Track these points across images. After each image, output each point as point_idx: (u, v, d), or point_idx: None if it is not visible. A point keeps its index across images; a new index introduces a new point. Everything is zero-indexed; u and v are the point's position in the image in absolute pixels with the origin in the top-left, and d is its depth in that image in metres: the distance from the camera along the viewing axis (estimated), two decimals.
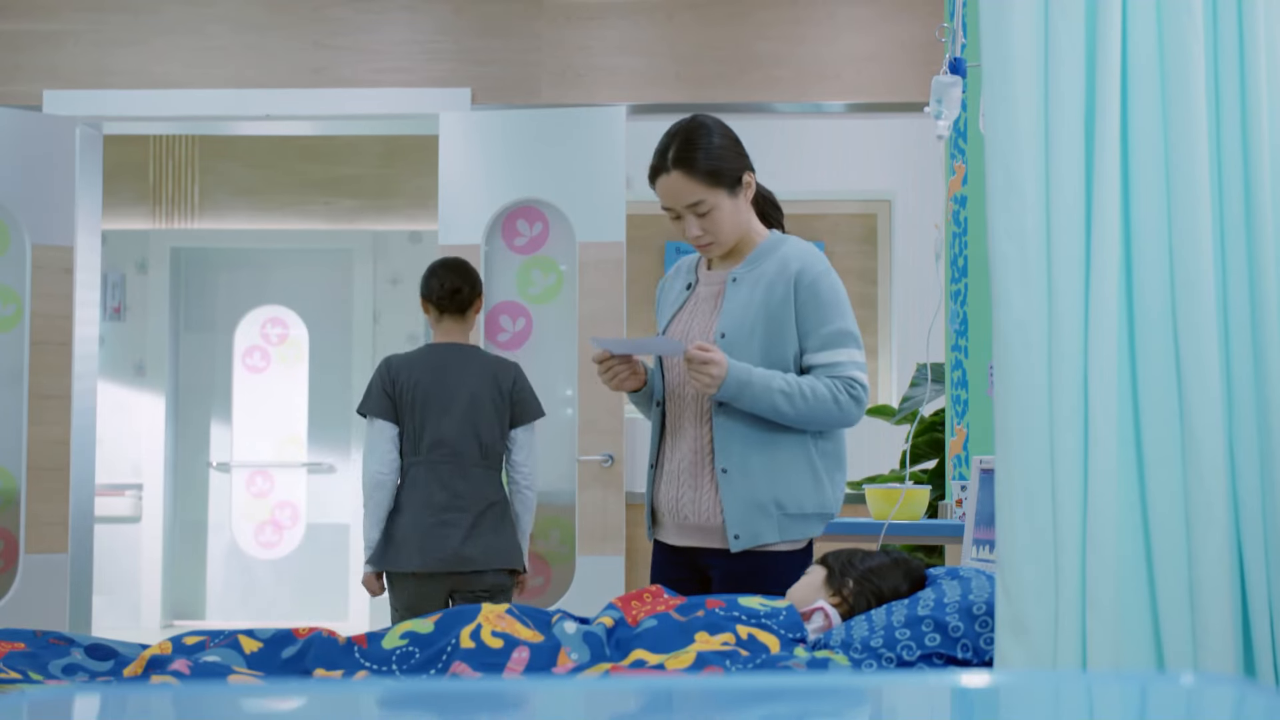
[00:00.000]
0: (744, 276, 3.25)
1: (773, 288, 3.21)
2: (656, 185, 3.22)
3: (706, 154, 3.19)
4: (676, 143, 3.20)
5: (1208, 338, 2.49)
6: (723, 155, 3.21)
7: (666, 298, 3.43)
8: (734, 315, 3.21)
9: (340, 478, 8.69)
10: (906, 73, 5.68)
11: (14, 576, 5.68)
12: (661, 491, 3.33)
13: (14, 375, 5.74)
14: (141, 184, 8.38)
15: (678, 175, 3.17)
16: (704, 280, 3.35)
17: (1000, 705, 1.52)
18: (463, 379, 4.34)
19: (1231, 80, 2.54)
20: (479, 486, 4.31)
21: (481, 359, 4.42)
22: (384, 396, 4.29)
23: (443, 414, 4.29)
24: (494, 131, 5.73)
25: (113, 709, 1.50)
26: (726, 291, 3.25)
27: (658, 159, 3.22)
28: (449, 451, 4.29)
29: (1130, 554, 2.49)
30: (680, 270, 3.44)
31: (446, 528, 4.24)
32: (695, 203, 3.19)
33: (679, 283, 3.41)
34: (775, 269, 3.23)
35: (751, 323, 3.19)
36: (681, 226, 3.23)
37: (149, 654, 2.77)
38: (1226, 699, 1.53)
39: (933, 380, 5.31)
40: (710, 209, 3.20)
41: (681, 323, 3.33)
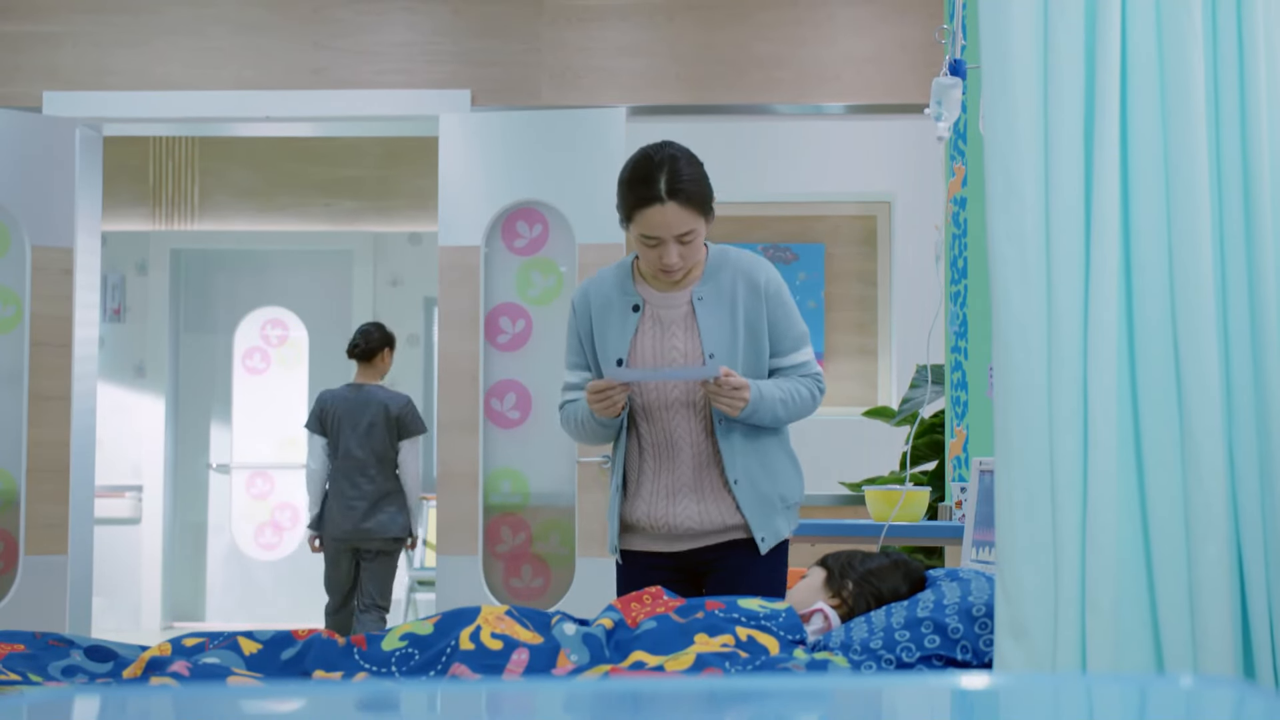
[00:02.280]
0: (708, 294, 3.28)
1: (742, 302, 3.27)
2: (643, 215, 3.17)
3: (695, 182, 3.21)
4: (666, 174, 3.17)
5: (1207, 339, 2.49)
6: (705, 183, 3.25)
7: (607, 321, 3.32)
8: (715, 334, 3.26)
9: None
10: (906, 74, 5.68)
11: (14, 578, 5.68)
12: (642, 508, 3.33)
13: (14, 377, 5.74)
14: (141, 185, 8.38)
15: (674, 206, 3.16)
16: (658, 302, 3.30)
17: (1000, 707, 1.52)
18: (365, 409, 6.14)
19: (1231, 82, 2.54)
20: (375, 482, 6.10)
21: (379, 394, 6.22)
22: (317, 419, 6.19)
23: (351, 433, 6.11)
24: (494, 133, 5.73)
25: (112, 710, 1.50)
26: (697, 312, 3.27)
27: (646, 189, 3.16)
28: (354, 460, 6.10)
29: (1130, 556, 2.49)
30: (607, 291, 3.34)
31: (352, 511, 6.08)
32: (686, 232, 3.19)
33: (619, 303, 3.32)
34: (733, 282, 3.28)
35: (733, 339, 3.26)
36: (657, 253, 3.19)
37: (148, 655, 2.77)
38: (1226, 701, 1.52)
39: (932, 382, 5.31)
40: (694, 237, 3.21)
41: (648, 347, 3.29)
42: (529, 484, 5.77)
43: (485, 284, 5.75)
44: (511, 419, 5.76)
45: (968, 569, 3.11)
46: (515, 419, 5.76)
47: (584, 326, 3.35)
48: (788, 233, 7.60)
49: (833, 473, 6.38)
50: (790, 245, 7.58)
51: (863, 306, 7.58)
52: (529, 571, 5.76)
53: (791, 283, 7.52)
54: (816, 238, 7.59)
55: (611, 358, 3.29)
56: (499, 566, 5.74)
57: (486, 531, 5.72)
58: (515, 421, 5.76)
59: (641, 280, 3.33)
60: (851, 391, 7.44)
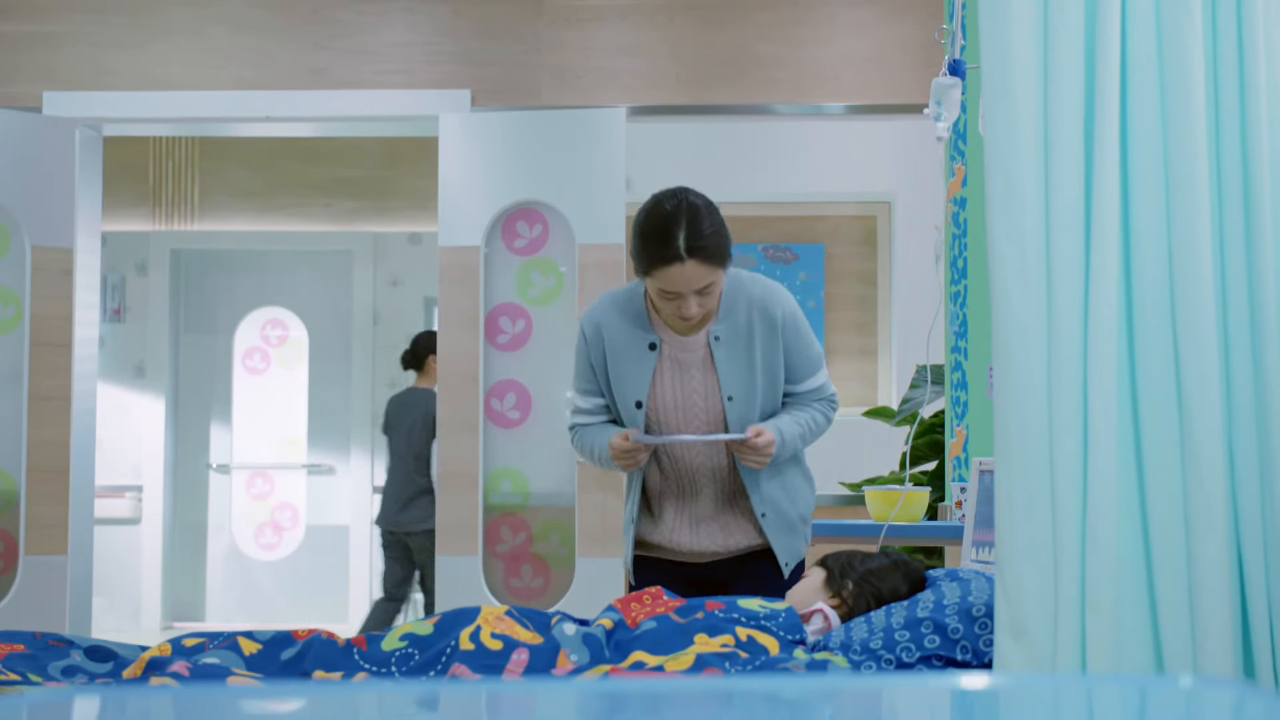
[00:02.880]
0: (725, 334, 3.25)
1: (760, 340, 3.25)
2: (662, 273, 3.09)
3: (715, 237, 3.11)
4: (685, 231, 3.08)
5: (1207, 339, 2.49)
6: (724, 234, 3.15)
7: (623, 356, 3.28)
8: (734, 377, 3.25)
9: (340, 479, 8.69)
10: (906, 74, 5.68)
11: (14, 578, 5.68)
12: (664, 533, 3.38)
13: (14, 377, 5.74)
14: (141, 185, 8.38)
15: (694, 264, 3.08)
16: (675, 343, 3.27)
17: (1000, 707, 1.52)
18: (410, 410, 6.84)
19: (1231, 82, 2.54)
20: (411, 479, 6.79)
21: (422, 397, 6.81)
22: (382, 422, 7.02)
23: (397, 433, 6.88)
24: (494, 133, 5.73)
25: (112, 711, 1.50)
26: (714, 353, 3.25)
27: (664, 248, 3.08)
28: (398, 457, 6.86)
29: (1129, 556, 2.49)
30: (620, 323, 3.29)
31: (391, 504, 6.83)
32: (705, 285, 3.13)
33: (634, 340, 3.28)
34: (748, 317, 3.25)
35: (752, 380, 3.26)
36: (675, 306, 3.13)
37: (148, 656, 2.77)
38: (1226, 701, 1.52)
39: (932, 382, 5.31)
40: (714, 288, 3.16)
41: (667, 389, 3.28)
42: (529, 484, 5.77)
43: (485, 284, 5.75)
44: (511, 419, 5.76)
45: (968, 569, 3.11)
46: (515, 419, 5.76)
47: (596, 356, 3.31)
48: (788, 233, 7.60)
49: (832, 473, 6.38)
50: (790, 245, 7.58)
51: (863, 307, 7.58)
52: (529, 571, 5.76)
53: (792, 283, 7.53)
54: (816, 238, 7.59)
55: (630, 399, 3.27)
56: (499, 566, 5.74)
57: (486, 531, 5.72)
58: (515, 421, 5.76)
59: (657, 317, 3.28)
60: (851, 391, 7.44)
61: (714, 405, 3.27)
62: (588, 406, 3.36)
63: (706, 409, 3.28)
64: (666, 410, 3.28)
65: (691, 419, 3.29)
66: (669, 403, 3.28)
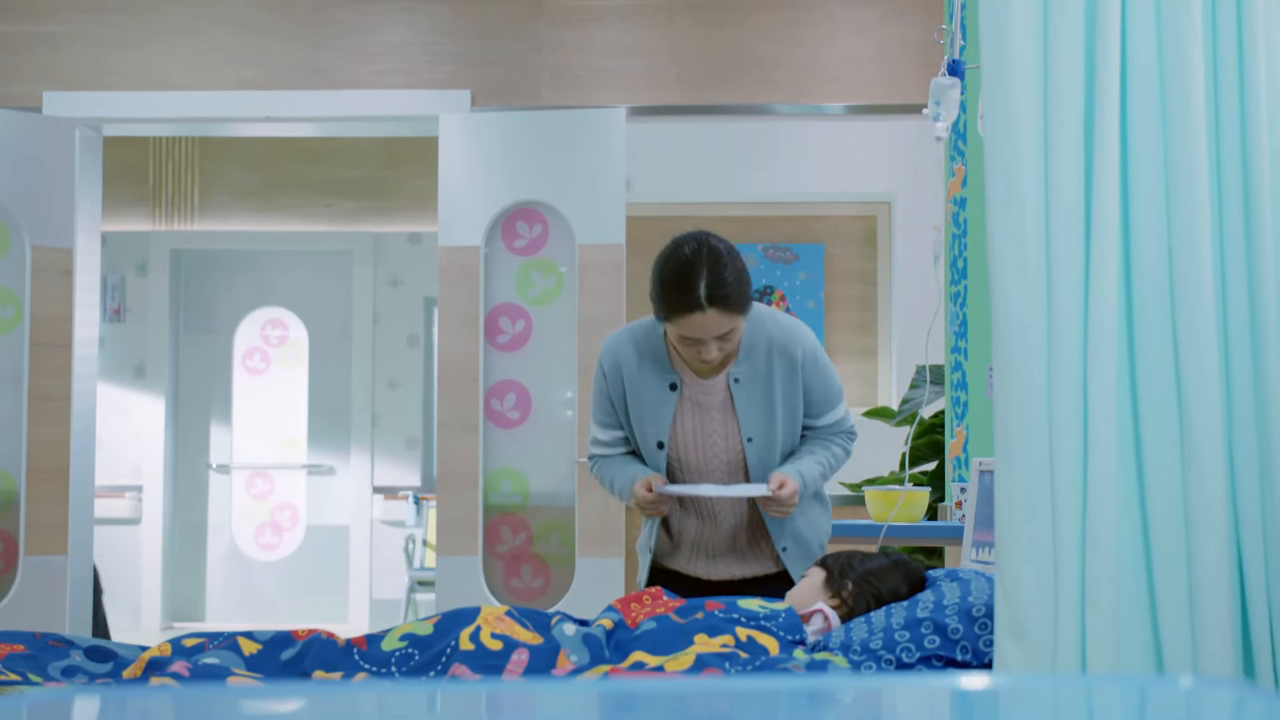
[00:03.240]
0: (744, 375, 3.23)
1: (779, 381, 3.24)
2: (683, 320, 3.07)
3: (736, 285, 3.08)
4: (706, 280, 3.04)
5: (1207, 340, 2.48)
6: (745, 280, 3.12)
7: (643, 395, 3.27)
8: (754, 419, 3.25)
9: (340, 479, 8.69)
10: (906, 74, 5.68)
11: (14, 578, 5.68)
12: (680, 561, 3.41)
13: (14, 377, 5.74)
14: (141, 186, 8.38)
15: (715, 313, 3.05)
16: (694, 385, 3.26)
17: (1000, 707, 1.52)
18: None
19: (1231, 83, 2.54)
20: None
21: None
22: None
23: None
24: (494, 133, 5.73)
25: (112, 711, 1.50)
26: (734, 395, 3.24)
27: (685, 296, 3.04)
28: None
29: (1129, 556, 2.49)
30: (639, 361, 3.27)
31: None
32: (727, 332, 3.10)
33: (654, 379, 3.26)
34: (769, 359, 3.23)
35: (771, 421, 3.26)
36: (696, 351, 3.11)
37: (148, 656, 2.77)
38: (1226, 701, 1.52)
39: (932, 382, 5.31)
40: (735, 334, 3.14)
41: (688, 430, 3.28)
42: (529, 484, 5.77)
43: (485, 284, 5.75)
44: (511, 419, 5.76)
45: (967, 569, 3.11)
46: (515, 419, 5.76)
47: (616, 392, 3.30)
48: (788, 233, 7.60)
49: None
50: (790, 245, 7.58)
51: (862, 307, 7.58)
52: (529, 572, 5.75)
53: (792, 283, 7.53)
54: (816, 238, 7.59)
55: (651, 439, 3.28)
56: (499, 567, 5.74)
57: (486, 531, 5.72)
58: (515, 422, 5.76)
59: (677, 357, 3.26)
60: (851, 392, 7.44)
61: (734, 445, 3.28)
62: (607, 439, 3.37)
63: (726, 448, 3.29)
64: (687, 450, 3.29)
65: (712, 459, 3.30)
66: (689, 442, 3.29)
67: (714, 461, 3.29)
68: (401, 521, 8.57)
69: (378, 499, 8.61)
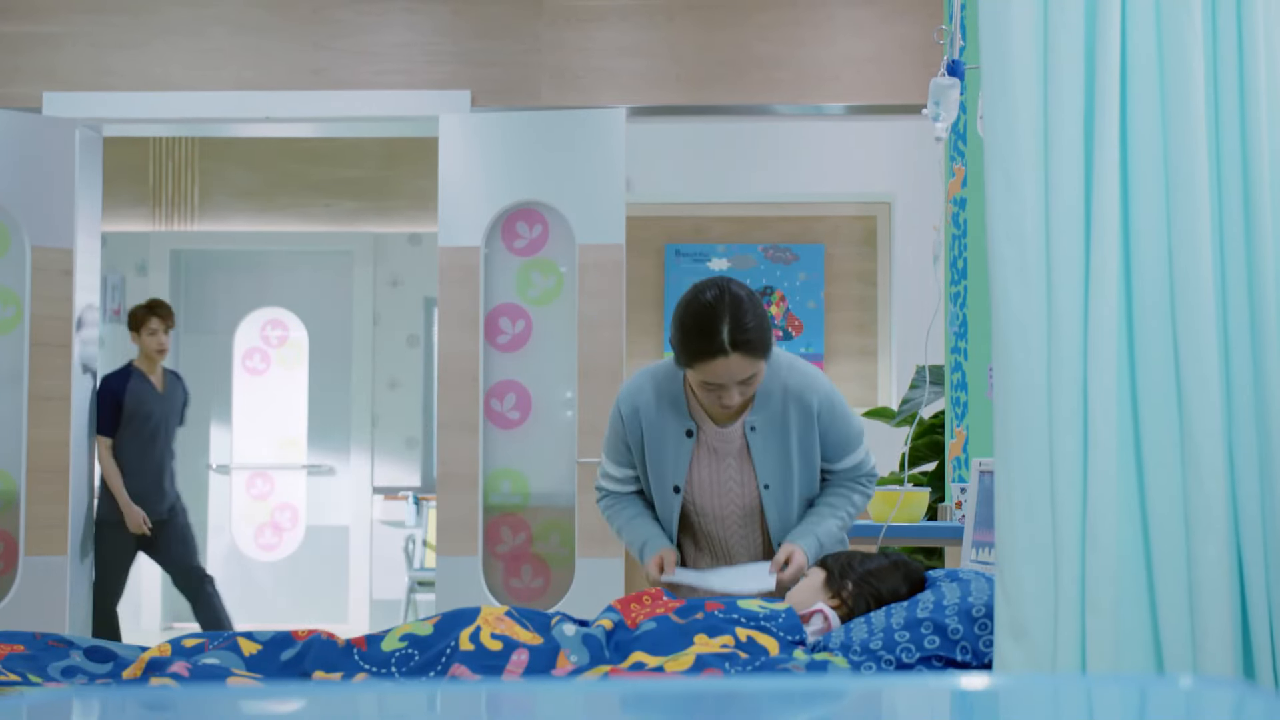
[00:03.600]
0: (760, 423, 3.24)
1: (795, 429, 3.25)
2: (706, 366, 3.08)
3: (758, 330, 3.09)
4: (729, 325, 3.05)
5: (1207, 340, 2.48)
6: (767, 324, 3.14)
7: (661, 440, 3.29)
8: (771, 467, 3.26)
9: (340, 480, 8.69)
10: (906, 75, 5.68)
11: (14, 578, 5.68)
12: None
13: (14, 377, 5.74)
14: (141, 186, 8.38)
15: (738, 357, 3.06)
16: (711, 432, 3.27)
17: (999, 708, 1.52)
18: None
19: (1231, 83, 2.54)
20: None
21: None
22: None
23: None
24: (494, 133, 5.73)
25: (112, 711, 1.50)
26: (750, 443, 3.25)
27: (707, 342, 3.06)
28: None
29: (1129, 556, 2.49)
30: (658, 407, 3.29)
31: None
32: (749, 377, 3.12)
33: (672, 425, 3.28)
34: (783, 406, 3.24)
35: (788, 468, 3.27)
36: (717, 396, 3.12)
37: (148, 656, 2.77)
38: (1226, 701, 1.52)
39: (932, 382, 5.31)
40: (756, 378, 3.15)
41: (704, 476, 3.30)
42: (529, 484, 5.77)
43: (485, 284, 5.75)
44: (511, 419, 5.76)
45: (967, 570, 3.11)
46: (515, 419, 5.76)
47: (633, 438, 3.32)
48: (788, 233, 7.60)
49: None
50: (790, 246, 7.58)
51: (862, 307, 7.58)
52: (529, 572, 5.75)
53: (792, 283, 7.53)
54: (816, 238, 7.59)
55: (668, 483, 3.30)
56: (499, 567, 5.74)
57: (486, 532, 5.72)
58: (515, 422, 5.76)
59: (695, 402, 3.27)
60: (851, 392, 7.44)
61: (750, 492, 3.29)
62: (619, 475, 3.39)
63: (742, 495, 3.30)
64: (703, 495, 3.31)
65: (727, 504, 3.32)
66: (706, 488, 3.30)
67: (729, 508, 3.31)
68: (401, 522, 8.57)
69: (378, 499, 8.62)
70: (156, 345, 6.38)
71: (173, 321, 6.52)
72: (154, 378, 6.40)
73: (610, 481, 3.40)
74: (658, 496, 3.33)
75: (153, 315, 6.42)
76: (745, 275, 7.51)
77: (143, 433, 6.27)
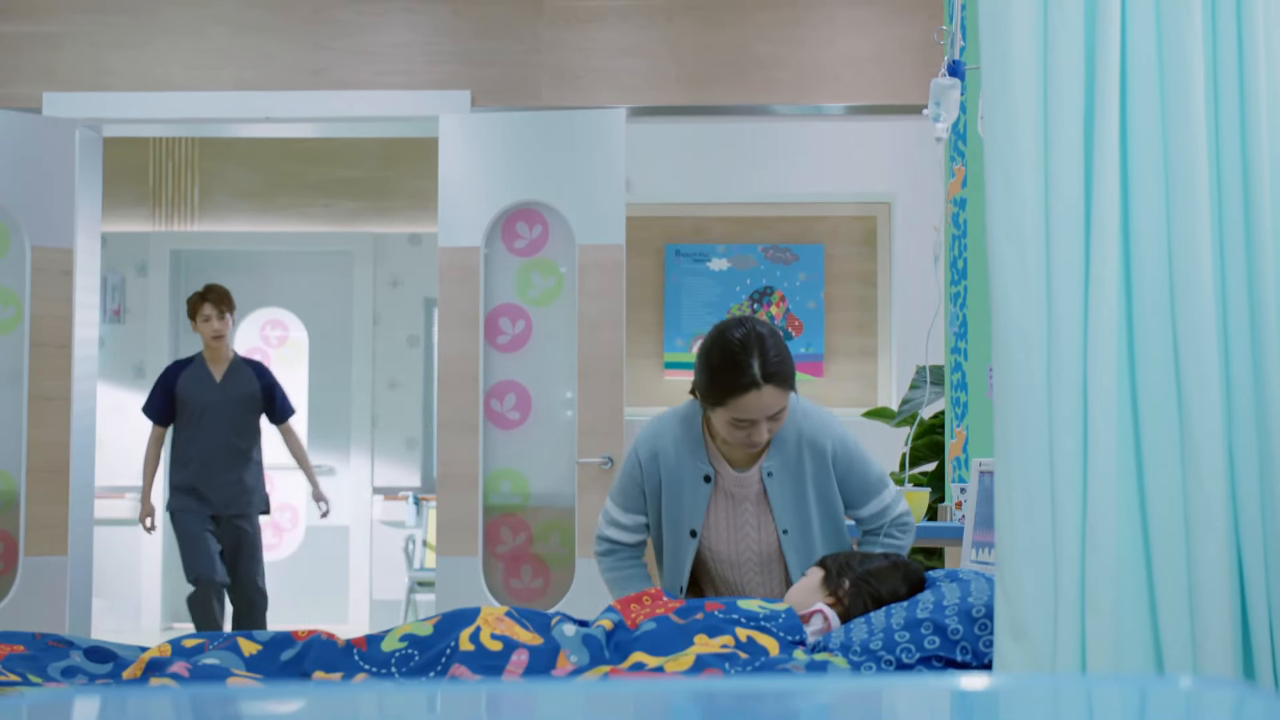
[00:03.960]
0: (777, 469, 3.27)
1: (811, 475, 3.28)
2: (738, 402, 3.11)
3: (783, 361, 3.15)
4: (758, 358, 3.10)
5: (1207, 340, 2.48)
6: (790, 357, 3.19)
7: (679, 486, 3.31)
8: (788, 512, 3.28)
9: (340, 480, 8.69)
10: (906, 75, 5.68)
11: (14, 579, 5.68)
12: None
13: (14, 377, 5.74)
14: (141, 186, 8.38)
15: (771, 390, 3.11)
16: (729, 478, 3.30)
17: (999, 708, 1.52)
18: None
19: (1231, 83, 2.54)
20: None
21: None
22: None
23: None
24: (494, 134, 5.73)
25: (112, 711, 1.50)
26: (768, 488, 3.28)
27: (741, 376, 3.10)
28: None
29: (1129, 557, 2.49)
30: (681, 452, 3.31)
31: None
32: (779, 411, 3.15)
33: (690, 470, 3.31)
34: (799, 452, 3.27)
35: (805, 513, 3.29)
36: (747, 434, 3.15)
37: (148, 656, 2.77)
38: (1225, 702, 1.52)
39: (932, 383, 5.31)
40: (784, 413, 3.18)
41: (722, 522, 3.32)
42: (529, 484, 5.77)
43: (485, 285, 5.75)
44: (511, 420, 5.76)
45: (967, 570, 3.11)
46: (515, 420, 5.76)
47: (650, 483, 3.34)
48: (787, 233, 7.60)
49: None
50: (790, 246, 7.58)
51: (862, 307, 7.58)
52: (529, 572, 5.75)
53: (791, 283, 7.53)
54: (816, 238, 7.59)
55: (685, 527, 3.31)
56: (499, 567, 5.74)
57: (486, 532, 5.72)
58: (515, 422, 5.76)
59: (713, 446, 3.30)
60: (851, 392, 7.44)
61: (768, 537, 3.30)
62: (627, 523, 3.38)
63: (760, 540, 3.31)
64: (719, 540, 3.32)
65: (744, 550, 3.33)
66: (722, 533, 3.32)
67: (746, 553, 3.33)
68: (401, 522, 8.57)
69: (378, 499, 8.62)
70: (211, 332, 6.21)
71: (229, 305, 6.28)
72: (215, 367, 6.24)
73: (616, 530, 3.38)
74: (672, 541, 3.33)
75: (204, 302, 6.24)
76: (745, 275, 7.51)
77: (192, 423, 6.17)
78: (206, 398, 6.20)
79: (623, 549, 3.39)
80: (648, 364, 7.48)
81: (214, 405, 6.21)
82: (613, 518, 3.38)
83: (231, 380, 6.26)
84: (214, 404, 6.21)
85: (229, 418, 6.22)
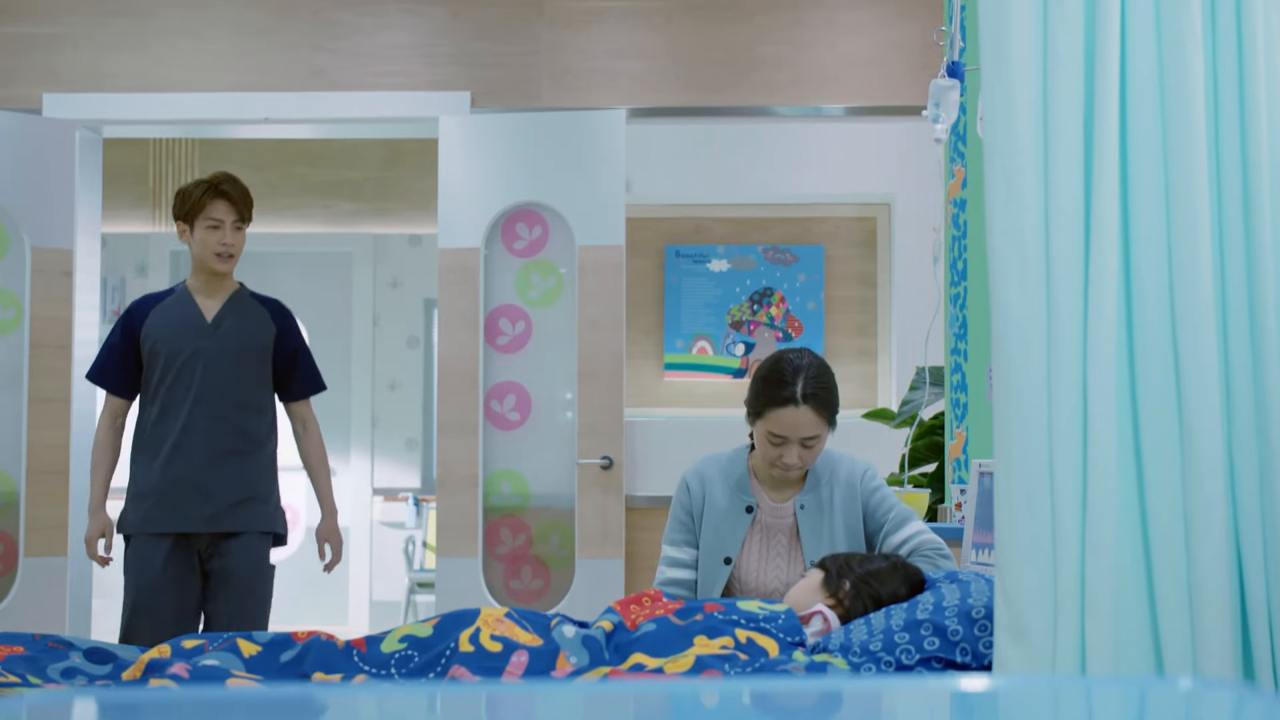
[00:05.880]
0: (810, 503, 3.41)
1: (841, 507, 3.41)
2: (775, 414, 3.27)
3: (828, 391, 3.31)
4: (806, 379, 3.27)
5: (1206, 340, 2.48)
6: (836, 394, 3.34)
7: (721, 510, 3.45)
8: (818, 547, 3.39)
9: (340, 481, 8.69)
10: (906, 76, 5.68)
11: (13, 580, 5.67)
12: None
13: (13, 378, 5.74)
14: (141, 187, 8.38)
15: (808, 410, 3.27)
16: (767, 509, 3.44)
17: (999, 709, 1.52)
18: None
19: (1230, 84, 2.54)
20: None
21: None
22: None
23: None
24: (493, 135, 5.73)
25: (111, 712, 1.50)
26: (800, 521, 3.41)
27: (781, 389, 3.27)
28: None
29: (1129, 557, 2.49)
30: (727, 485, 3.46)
31: None
32: (812, 436, 3.29)
33: (734, 501, 3.45)
34: (830, 488, 3.42)
35: (834, 549, 3.38)
36: (779, 452, 3.30)
37: (148, 657, 2.77)
38: (1225, 703, 1.52)
39: (932, 383, 5.31)
40: (817, 443, 3.32)
41: (754, 553, 3.43)
42: (529, 485, 5.77)
43: (485, 286, 5.75)
44: (511, 420, 5.76)
45: (967, 571, 3.11)
46: (515, 420, 5.76)
47: (698, 508, 3.47)
48: (787, 234, 7.60)
49: None
50: (790, 247, 7.58)
51: (862, 308, 7.57)
52: (529, 573, 5.75)
53: (791, 284, 7.53)
54: (816, 239, 7.59)
55: (719, 554, 3.42)
56: (499, 568, 5.74)
57: (486, 533, 5.72)
58: (515, 423, 5.76)
59: (756, 481, 3.46)
60: (851, 393, 7.44)
61: (797, 571, 3.40)
62: (682, 558, 3.48)
63: (788, 572, 3.41)
64: (749, 570, 3.43)
65: (770, 579, 3.42)
66: (754, 564, 3.43)
67: (771, 583, 3.41)
68: (401, 523, 8.56)
69: (377, 500, 8.62)
70: (217, 245, 4.03)
71: (249, 214, 4.14)
72: (207, 299, 4.13)
73: (676, 569, 3.47)
74: (706, 567, 3.43)
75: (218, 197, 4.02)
76: (745, 276, 7.51)
77: (166, 388, 4.10)
78: (190, 345, 4.11)
79: (683, 586, 3.48)
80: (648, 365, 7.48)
81: (202, 357, 4.14)
82: (671, 558, 3.49)
83: (232, 320, 4.16)
84: (202, 354, 4.14)
85: (224, 378, 4.14)
